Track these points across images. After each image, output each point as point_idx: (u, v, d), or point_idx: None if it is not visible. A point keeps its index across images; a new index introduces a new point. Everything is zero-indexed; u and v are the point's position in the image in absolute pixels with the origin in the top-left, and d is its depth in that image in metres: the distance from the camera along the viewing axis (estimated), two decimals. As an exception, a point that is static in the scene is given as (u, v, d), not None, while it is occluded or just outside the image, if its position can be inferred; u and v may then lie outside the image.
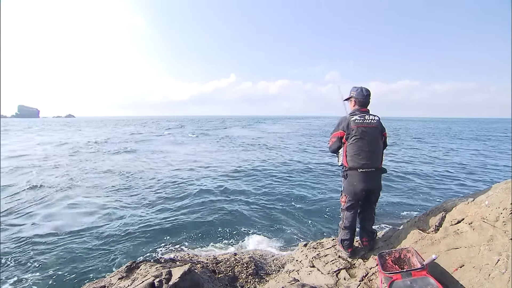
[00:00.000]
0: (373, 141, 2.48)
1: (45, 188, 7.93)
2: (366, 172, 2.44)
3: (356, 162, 2.44)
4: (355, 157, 2.45)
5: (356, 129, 2.44)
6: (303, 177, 9.23)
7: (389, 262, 2.09)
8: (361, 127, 2.45)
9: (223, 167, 10.97)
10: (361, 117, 2.48)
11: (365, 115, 2.50)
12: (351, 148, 2.47)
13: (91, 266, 4.01)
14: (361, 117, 2.48)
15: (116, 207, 6.36)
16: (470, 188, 7.98)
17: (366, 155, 2.44)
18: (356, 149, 2.45)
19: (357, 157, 2.44)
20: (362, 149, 2.44)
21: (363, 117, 2.48)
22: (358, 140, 2.44)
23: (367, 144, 2.44)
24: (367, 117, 2.49)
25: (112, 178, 9.30)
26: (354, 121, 2.47)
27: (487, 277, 1.70)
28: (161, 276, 2.10)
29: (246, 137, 26.12)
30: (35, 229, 5.18)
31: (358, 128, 2.44)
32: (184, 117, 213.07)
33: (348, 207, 2.59)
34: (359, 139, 2.44)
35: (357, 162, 2.44)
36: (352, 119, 2.48)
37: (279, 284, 2.48)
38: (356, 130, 2.44)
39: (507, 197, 1.99)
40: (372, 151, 2.46)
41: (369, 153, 2.44)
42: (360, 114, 2.51)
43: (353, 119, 2.48)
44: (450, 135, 29.33)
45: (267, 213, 6.06)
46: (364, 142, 2.44)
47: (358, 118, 2.47)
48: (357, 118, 2.47)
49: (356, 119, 2.47)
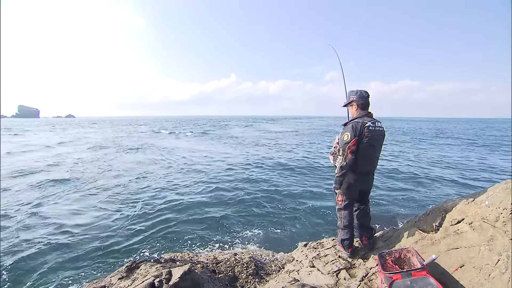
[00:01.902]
0: (379, 147, 2.50)
1: (45, 185, 7.94)
2: (365, 175, 2.51)
3: (364, 167, 2.46)
4: (363, 163, 2.43)
5: (370, 136, 2.39)
6: (303, 177, 9.23)
7: (389, 262, 2.09)
8: (374, 135, 2.42)
9: (222, 167, 10.97)
10: (373, 123, 2.43)
11: (375, 122, 2.46)
12: (360, 153, 2.41)
13: (90, 266, 4.01)
14: (373, 124, 2.43)
15: (115, 206, 6.36)
16: (470, 188, 7.98)
17: (371, 162, 2.48)
18: (365, 155, 2.42)
19: (365, 162, 2.44)
20: (371, 155, 2.46)
21: (375, 124, 2.44)
22: (369, 147, 2.40)
23: (375, 150, 2.46)
24: (377, 124, 2.47)
25: (113, 177, 9.30)
26: (368, 127, 2.38)
27: (487, 277, 1.70)
28: (161, 276, 2.09)
29: (245, 137, 26.12)
30: (35, 228, 5.18)
31: (373, 135, 2.40)
32: (185, 117, 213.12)
33: (345, 206, 2.63)
34: (370, 146, 2.41)
35: (365, 167, 2.47)
36: (366, 125, 2.39)
37: (279, 284, 2.48)
38: (369, 137, 2.39)
39: (507, 197, 1.99)
40: (377, 157, 2.51)
41: (375, 159, 2.49)
42: (371, 120, 2.44)
43: (367, 125, 2.39)
44: (450, 135, 29.33)
45: (267, 213, 6.06)
46: (374, 149, 2.45)
47: (372, 125, 2.40)
48: (371, 125, 2.40)
49: (370, 125, 2.40)
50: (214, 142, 21.91)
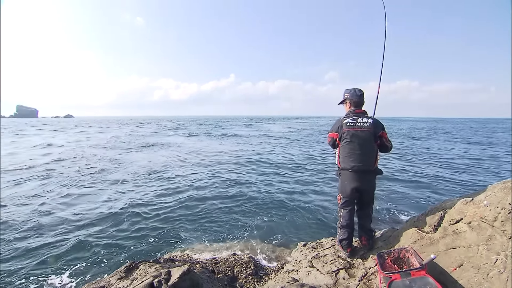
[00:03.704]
0: (364, 144, 2.50)
1: (47, 182, 7.93)
2: (356, 173, 2.52)
3: (347, 163, 2.53)
4: (346, 159, 2.54)
5: (347, 132, 2.51)
6: (303, 177, 9.23)
7: (388, 262, 2.10)
8: (352, 130, 2.51)
9: (222, 167, 10.97)
10: (353, 120, 2.53)
11: (358, 118, 2.53)
12: (343, 150, 2.56)
13: (90, 266, 4.00)
14: (354, 120, 2.53)
15: (114, 206, 6.35)
16: (469, 188, 7.99)
17: (357, 158, 2.50)
18: (347, 151, 2.53)
19: (348, 159, 2.52)
20: (352, 152, 2.51)
21: (356, 120, 2.52)
22: (349, 143, 2.51)
23: (357, 147, 2.50)
24: (360, 119, 2.52)
25: (113, 177, 9.29)
26: (346, 124, 2.53)
27: (485, 277, 1.70)
28: (160, 276, 2.09)
29: (246, 137, 26.11)
30: (35, 227, 5.17)
31: (349, 131, 2.51)
32: (185, 117, 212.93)
33: (343, 205, 2.67)
34: (350, 142, 2.51)
35: (348, 164, 2.52)
36: (345, 121, 2.55)
37: (278, 284, 2.48)
38: (347, 133, 2.51)
39: (506, 197, 2.00)
40: (363, 153, 2.50)
41: (360, 155, 2.50)
42: (353, 117, 2.55)
43: (345, 121, 2.54)
44: (449, 135, 29.37)
45: (266, 212, 6.05)
46: (354, 145, 2.50)
47: (350, 121, 2.53)
48: (349, 121, 2.53)
49: (348, 122, 2.53)
50: (215, 142, 21.90)
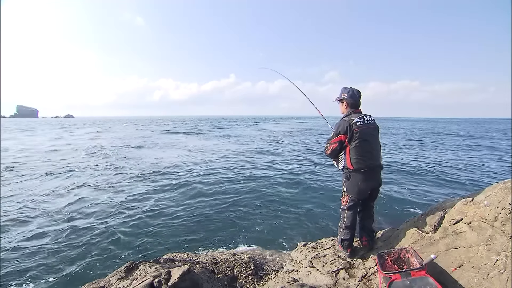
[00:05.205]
0: (375, 141, 2.53)
1: (49, 180, 7.93)
2: (370, 171, 2.47)
3: (362, 163, 2.46)
4: (361, 158, 2.46)
5: (359, 131, 2.44)
6: (303, 177, 9.22)
7: (388, 262, 2.09)
8: (364, 129, 2.46)
9: (222, 167, 10.96)
10: (360, 119, 2.49)
11: (363, 116, 2.52)
12: (356, 150, 2.46)
13: (90, 266, 4.00)
14: (361, 119, 2.49)
15: (114, 206, 6.35)
16: (469, 188, 7.99)
17: (372, 155, 2.48)
18: (362, 150, 2.46)
19: (363, 158, 2.46)
20: (368, 150, 2.47)
21: (362, 119, 2.50)
22: (363, 141, 2.44)
23: (372, 144, 2.48)
24: (366, 118, 2.52)
25: (113, 176, 9.30)
26: (356, 123, 2.46)
27: (485, 277, 1.70)
28: (160, 277, 2.09)
29: (245, 137, 26.11)
30: (34, 227, 5.17)
31: (362, 130, 2.45)
32: (185, 117, 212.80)
33: (350, 207, 2.61)
34: (363, 141, 2.45)
35: (363, 163, 2.46)
36: (354, 121, 2.47)
37: (278, 284, 2.48)
38: (359, 133, 2.44)
39: (506, 197, 2.00)
40: (377, 150, 2.52)
41: (374, 152, 2.49)
42: (358, 116, 2.51)
43: (354, 121, 2.47)
44: (449, 135, 29.37)
45: (266, 212, 6.06)
46: (369, 143, 2.47)
47: (359, 120, 2.47)
48: (358, 120, 2.47)
49: (357, 121, 2.47)
50: (215, 141, 21.89)
